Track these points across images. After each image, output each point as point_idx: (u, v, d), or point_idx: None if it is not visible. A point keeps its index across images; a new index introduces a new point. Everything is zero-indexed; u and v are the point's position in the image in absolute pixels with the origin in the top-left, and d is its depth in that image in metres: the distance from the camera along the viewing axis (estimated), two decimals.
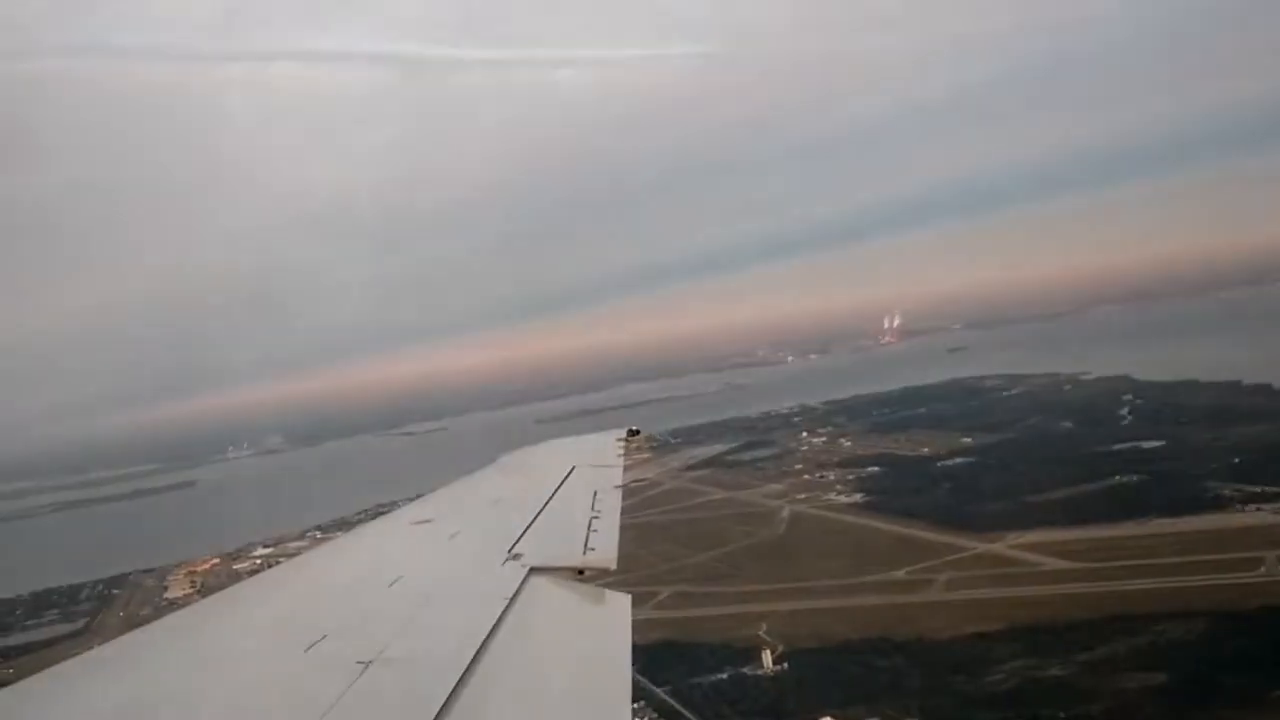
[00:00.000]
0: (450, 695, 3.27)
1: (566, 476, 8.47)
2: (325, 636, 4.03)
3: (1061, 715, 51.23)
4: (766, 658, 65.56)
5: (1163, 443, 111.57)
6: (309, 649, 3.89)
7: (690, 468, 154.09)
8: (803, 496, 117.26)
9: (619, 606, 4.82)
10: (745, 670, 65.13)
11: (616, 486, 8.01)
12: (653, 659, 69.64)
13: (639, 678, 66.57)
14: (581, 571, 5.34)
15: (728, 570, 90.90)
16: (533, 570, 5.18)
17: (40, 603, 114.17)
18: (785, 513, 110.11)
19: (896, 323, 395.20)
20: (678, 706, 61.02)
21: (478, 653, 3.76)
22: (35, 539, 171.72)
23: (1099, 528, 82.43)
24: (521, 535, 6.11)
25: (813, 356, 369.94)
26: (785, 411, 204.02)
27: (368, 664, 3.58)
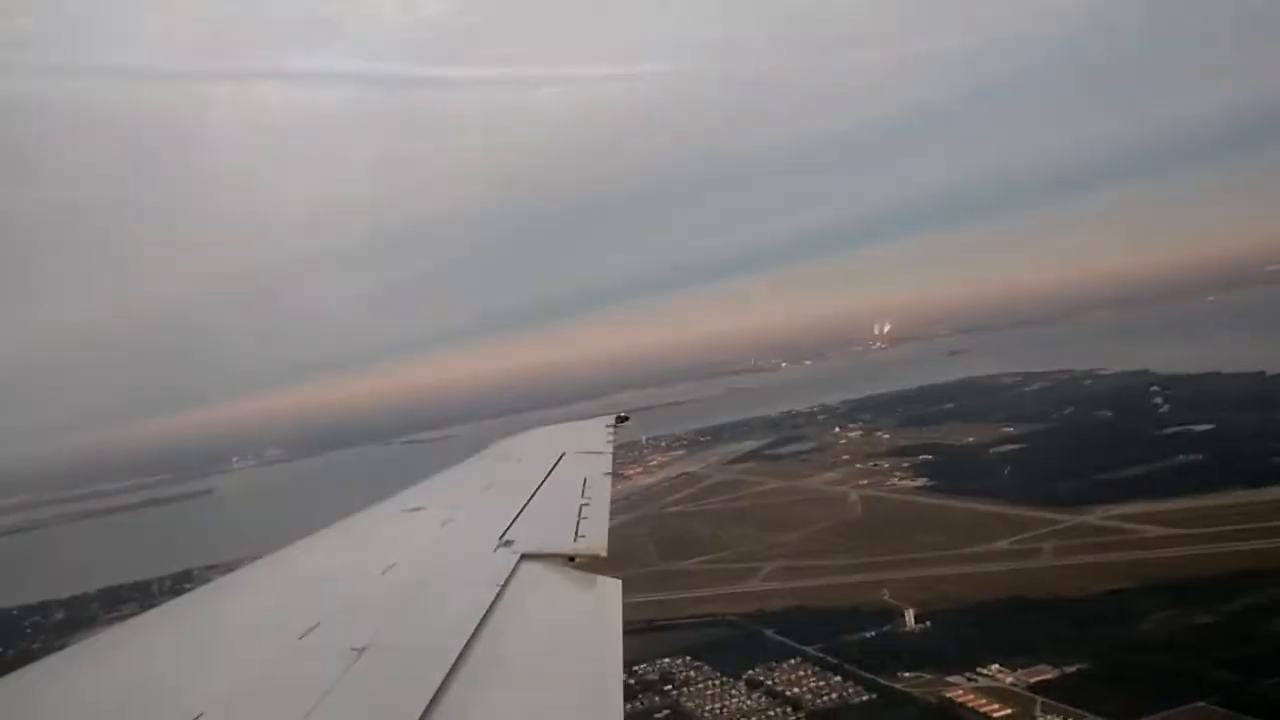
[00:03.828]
0: (443, 681, 3.33)
1: (556, 463, 8.48)
2: (319, 624, 4.06)
3: (1229, 656, 53.86)
4: (909, 617, 67.99)
5: (1212, 426, 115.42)
6: (303, 636, 3.92)
7: (732, 462, 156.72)
8: (865, 482, 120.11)
9: (610, 592, 4.78)
10: (890, 629, 67.54)
11: (606, 473, 8.01)
12: (787, 623, 72.09)
13: (783, 639, 69.03)
14: (572, 558, 5.29)
15: (822, 547, 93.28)
16: (524, 557, 5.16)
17: (113, 598, 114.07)
18: (854, 497, 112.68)
19: (888, 329, 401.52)
20: (835, 660, 63.18)
21: (470, 639, 3.80)
22: (74, 544, 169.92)
23: (1186, 499, 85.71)
24: (512, 522, 6.08)
25: (807, 362, 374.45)
26: (806, 410, 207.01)
27: (361, 651, 3.62)
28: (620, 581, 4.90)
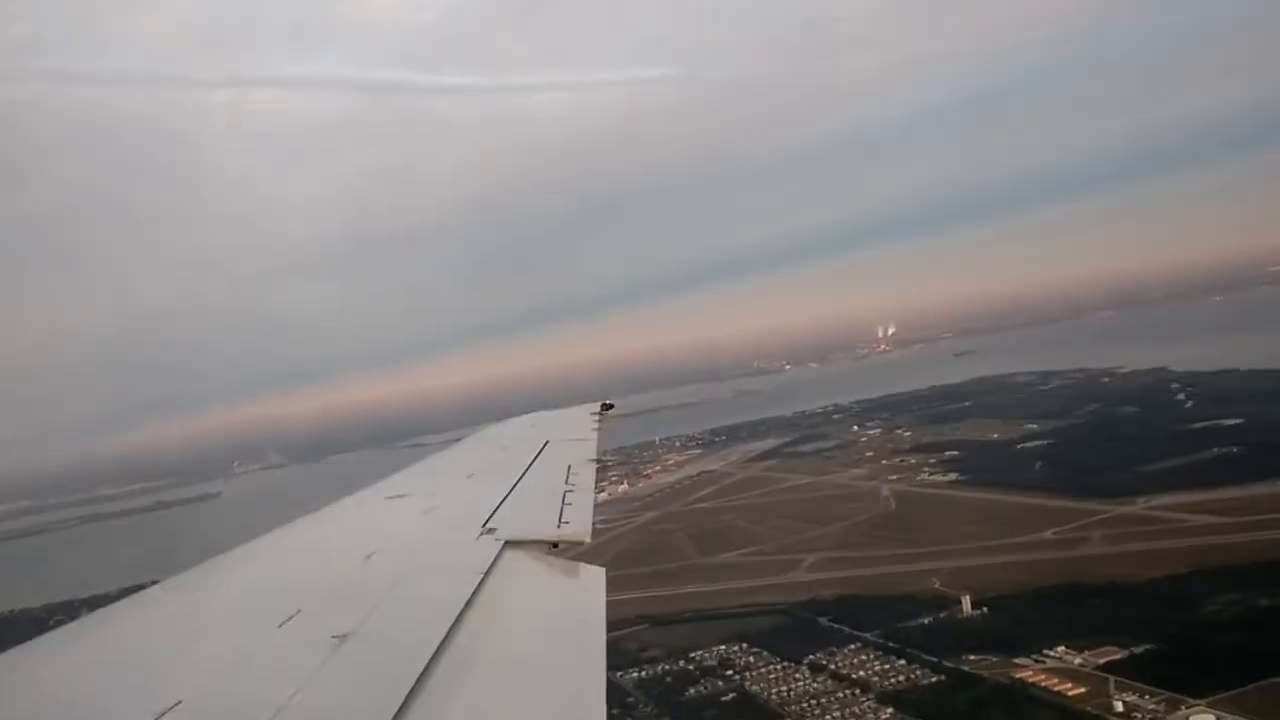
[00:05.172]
0: (425, 669, 3.31)
1: (540, 450, 8.49)
2: (300, 611, 4.04)
3: None
4: (966, 603, 67.82)
5: (1242, 420, 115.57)
6: (283, 624, 3.89)
7: (753, 459, 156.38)
8: (894, 478, 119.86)
9: (593, 579, 4.78)
10: (948, 615, 67.33)
11: (591, 460, 8.00)
12: (840, 611, 71.89)
13: (836, 625, 68.81)
14: (556, 545, 5.30)
15: (861, 539, 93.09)
16: (507, 544, 5.15)
17: None
18: (885, 491, 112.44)
19: (891, 331, 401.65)
20: (896, 645, 62.97)
21: (453, 626, 3.78)
22: (90, 546, 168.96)
23: (1229, 489, 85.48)
24: (496, 509, 6.07)
25: (812, 365, 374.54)
26: (820, 410, 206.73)
27: (343, 639, 3.60)
28: (603, 569, 4.87)
